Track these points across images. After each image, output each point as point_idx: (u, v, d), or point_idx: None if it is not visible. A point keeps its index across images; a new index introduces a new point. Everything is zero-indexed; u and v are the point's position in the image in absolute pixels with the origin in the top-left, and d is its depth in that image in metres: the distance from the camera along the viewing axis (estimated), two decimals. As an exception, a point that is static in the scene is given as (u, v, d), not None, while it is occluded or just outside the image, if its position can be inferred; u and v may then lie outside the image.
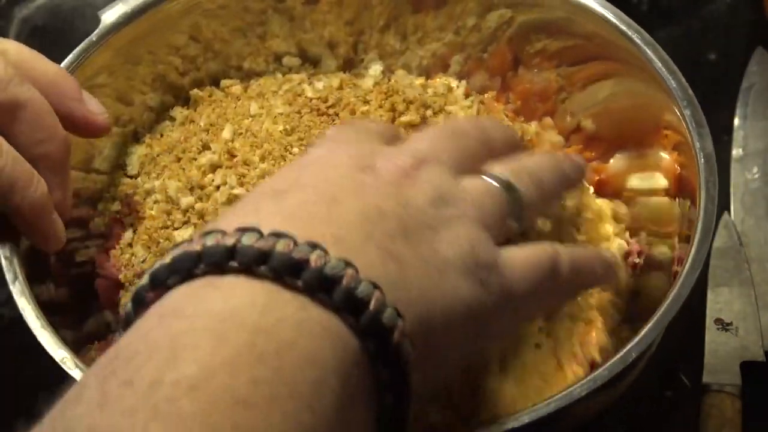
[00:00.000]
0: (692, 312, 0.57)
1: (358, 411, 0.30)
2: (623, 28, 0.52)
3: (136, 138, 0.56)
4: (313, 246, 0.30)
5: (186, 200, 0.49)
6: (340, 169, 0.35)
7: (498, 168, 0.40)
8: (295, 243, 0.30)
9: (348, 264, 0.30)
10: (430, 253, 0.34)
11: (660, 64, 0.51)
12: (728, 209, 0.62)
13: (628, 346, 0.42)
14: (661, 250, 0.52)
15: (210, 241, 0.30)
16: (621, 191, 0.56)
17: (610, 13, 0.53)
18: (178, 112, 0.57)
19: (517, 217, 0.39)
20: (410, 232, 0.33)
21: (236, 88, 0.57)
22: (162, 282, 0.30)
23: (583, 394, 0.40)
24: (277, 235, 0.30)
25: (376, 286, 0.30)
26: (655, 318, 0.43)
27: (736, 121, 0.66)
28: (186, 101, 0.58)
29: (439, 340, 0.33)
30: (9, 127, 0.42)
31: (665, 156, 0.53)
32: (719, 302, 0.58)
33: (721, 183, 0.47)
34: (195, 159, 0.52)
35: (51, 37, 0.68)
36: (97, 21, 0.53)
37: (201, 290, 0.29)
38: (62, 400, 0.27)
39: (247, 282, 0.29)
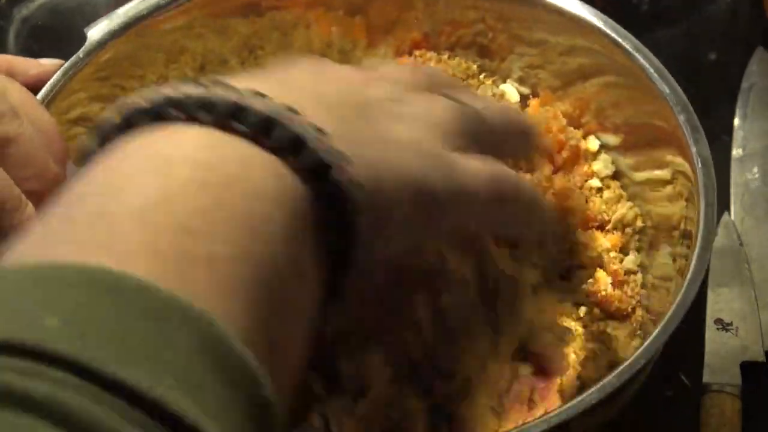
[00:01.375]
0: (692, 312, 0.57)
1: (306, 247, 0.30)
2: (611, 34, 0.53)
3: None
4: (258, 95, 0.30)
5: None
6: (304, 72, 0.36)
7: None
8: (241, 94, 0.30)
9: (291, 109, 0.30)
10: (385, 131, 0.34)
11: (652, 70, 0.51)
12: (728, 209, 0.62)
13: (636, 354, 0.42)
14: (665, 260, 0.52)
15: (190, 90, 0.30)
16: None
17: (599, 21, 0.53)
18: None
19: (474, 136, 0.39)
20: (368, 115, 0.34)
21: None
22: (131, 117, 0.30)
23: (593, 402, 0.40)
24: (220, 85, 0.30)
25: (320, 131, 0.30)
26: (661, 324, 0.43)
27: (736, 121, 0.66)
28: None
29: (389, 205, 0.33)
30: None
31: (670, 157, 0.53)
32: (719, 302, 0.58)
33: (721, 183, 0.47)
34: None
35: (51, 37, 0.68)
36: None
37: (157, 133, 0.30)
38: (22, 231, 0.28)
39: (192, 127, 0.29)
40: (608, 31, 0.53)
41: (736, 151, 0.65)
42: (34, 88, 0.50)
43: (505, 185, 0.38)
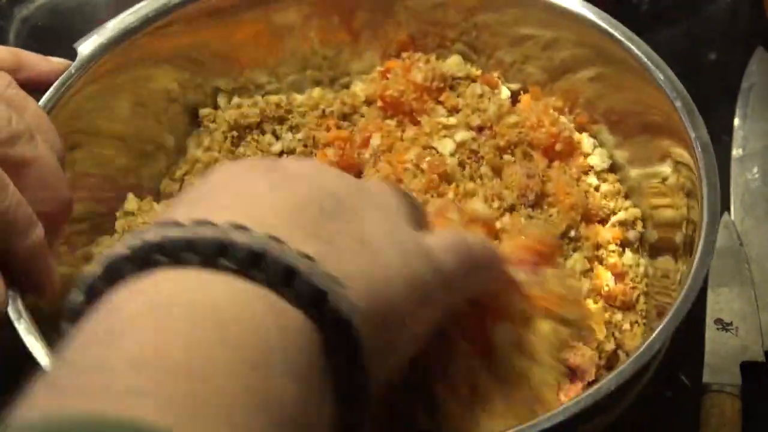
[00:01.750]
0: (692, 312, 0.57)
1: (315, 374, 0.30)
2: (602, 24, 0.53)
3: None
4: (239, 227, 0.30)
5: None
6: (247, 175, 0.35)
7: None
8: (221, 230, 0.30)
9: (275, 239, 0.30)
10: (358, 231, 0.33)
11: (645, 59, 0.51)
12: (728, 209, 0.62)
13: (639, 351, 0.42)
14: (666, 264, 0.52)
15: (170, 233, 0.30)
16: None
17: (590, 13, 0.53)
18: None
19: (418, 222, 0.39)
20: (333, 213, 0.33)
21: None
22: (117, 270, 0.30)
23: (590, 403, 0.40)
24: (200, 223, 0.30)
25: (307, 256, 0.30)
26: (665, 321, 0.43)
27: (736, 121, 0.66)
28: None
29: (387, 312, 0.33)
30: (14, 183, 0.42)
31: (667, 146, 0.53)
32: (719, 302, 0.58)
33: (721, 183, 0.47)
34: None
35: (51, 37, 0.68)
36: (97, 23, 0.53)
37: (136, 284, 0.29)
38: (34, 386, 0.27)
39: (179, 271, 0.29)
40: (599, 22, 0.53)
41: (736, 151, 0.65)
42: (41, 86, 0.50)
43: (470, 248, 0.39)
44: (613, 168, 0.58)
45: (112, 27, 0.53)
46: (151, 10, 0.54)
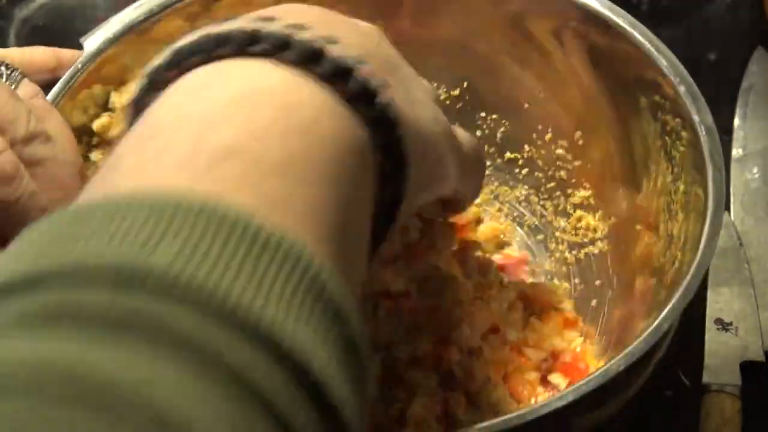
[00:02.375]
0: (692, 312, 0.57)
1: (368, 191, 0.32)
2: (605, 12, 0.53)
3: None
4: (331, 41, 0.32)
5: None
6: (324, 10, 0.37)
7: None
8: (315, 34, 0.32)
9: (362, 61, 0.32)
10: (410, 87, 0.37)
11: (648, 44, 0.51)
12: (728, 209, 0.62)
13: (649, 330, 0.42)
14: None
15: (234, 25, 0.31)
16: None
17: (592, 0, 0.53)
18: None
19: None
20: (392, 65, 0.37)
21: None
22: (185, 58, 0.31)
23: (621, 368, 0.40)
24: (298, 26, 0.32)
25: (386, 82, 0.33)
26: (675, 296, 0.43)
27: (736, 121, 0.66)
28: None
29: (427, 143, 0.36)
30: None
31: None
32: (719, 302, 0.58)
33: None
34: None
35: (51, 37, 0.68)
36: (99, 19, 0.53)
37: (229, 68, 0.31)
38: (99, 170, 0.28)
39: (270, 65, 0.31)
40: (602, 9, 0.53)
41: (736, 151, 0.65)
42: None
43: (482, 152, 0.46)
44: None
45: (118, 21, 0.54)
46: (155, 4, 0.54)
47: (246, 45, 0.31)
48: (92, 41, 0.53)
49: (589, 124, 0.58)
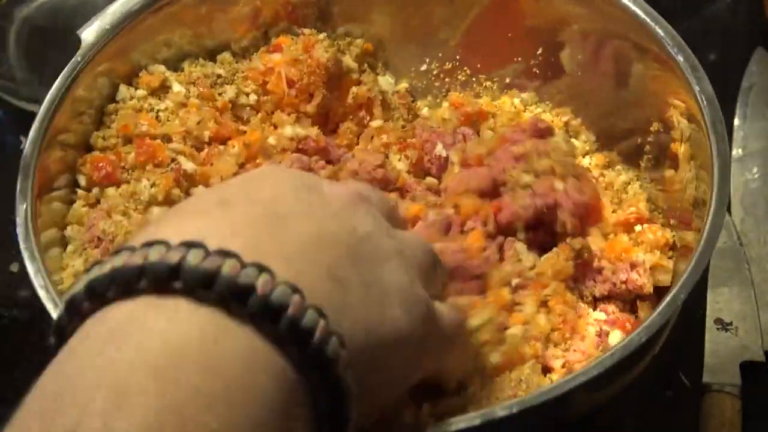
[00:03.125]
0: (692, 312, 0.57)
1: (299, 415, 0.29)
2: None
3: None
4: (260, 268, 0.29)
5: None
6: (288, 186, 0.34)
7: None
8: (242, 264, 0.29)
9: (294, 290, 0.29)
10: (373, 280, 0.34)
11: (644, 15, 0.52)
12: (728, 209, 0.62)
13: (653, 315, 0.42)
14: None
15: (154, 255, 0.29)
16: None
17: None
18: None
19: (441, 274, 0.40)
20: (356, 258, 0.33)
21: None
22: (101, 293, 0.29)
23: (611, 363, 0.40)
24: (224, 254, 0.29)
25: (321, 314, 0.30)
26: (694, 258, 0.43)
27: (736, 121, 0.66)
28: None
29: (379, 364, 0.33)
30: None
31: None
32: (719, 302, 0.58)
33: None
34: None
35: (51, 37, 0.68)
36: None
37: (144, 313, 0.28)
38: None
39: (192, 307, 0.28)
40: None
41: (736, 151, 0.65)
42: None
43: (463, 329, 0.42)
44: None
45: (112, 12, 0.54)
46: None
47: (165, 281, 0.28)
48: (90, 33, 0.53)
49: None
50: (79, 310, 0.29)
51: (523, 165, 0.51)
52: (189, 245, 0.29)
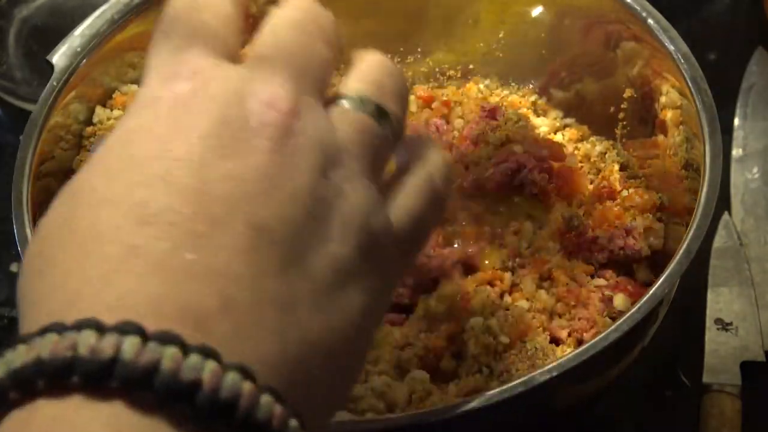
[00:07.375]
0: (692, 312, 0.57)
1: None
2: None
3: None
4: (205, 353, 0.24)
5: None
6: (196, 146, 0.28)
7: (354, 83, 0.33)
8: (185, 350, 0.24)
9: (245, 374, 0.25)
10: (284, 294, 0.28)
11: (636, 6, 0.53)
12: (728, 209, 0.62)
13: (647, 296, 0.42)
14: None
15: (84, 344, 0.24)
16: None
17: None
18: None
19: (393, 149, 0.33)
20: (297, 254, 0.28)
21: None
22: (30, 381, 0.24)
23: (608, 342, 0.40)
24: (164, 339, 0.24)
25: (277, 397, 0.25)
26: (691, 231, 0.43)
27: (736, 121, 0.66)
28: None
29: (308, 382, 0.28)
30: None
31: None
32: (719, 302, 0.58)
33: (720, 183, 0.47)
34: None
35: (51, 37, 0.68)
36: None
37: (74, 416, 0.24)
38: None
39: (130, 411, 0.24)
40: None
41: (736, 151, 0.65)
42: None
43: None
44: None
45: (80, 34, 0.54)
46: (116, 11, 0.54)
47: (98, 380, 0.24)
48: (60, 58, 0.53)
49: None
50: (5, 397, 0.25)
51: (482, 145, 0.53)
52: (124, 330, 0.24)
